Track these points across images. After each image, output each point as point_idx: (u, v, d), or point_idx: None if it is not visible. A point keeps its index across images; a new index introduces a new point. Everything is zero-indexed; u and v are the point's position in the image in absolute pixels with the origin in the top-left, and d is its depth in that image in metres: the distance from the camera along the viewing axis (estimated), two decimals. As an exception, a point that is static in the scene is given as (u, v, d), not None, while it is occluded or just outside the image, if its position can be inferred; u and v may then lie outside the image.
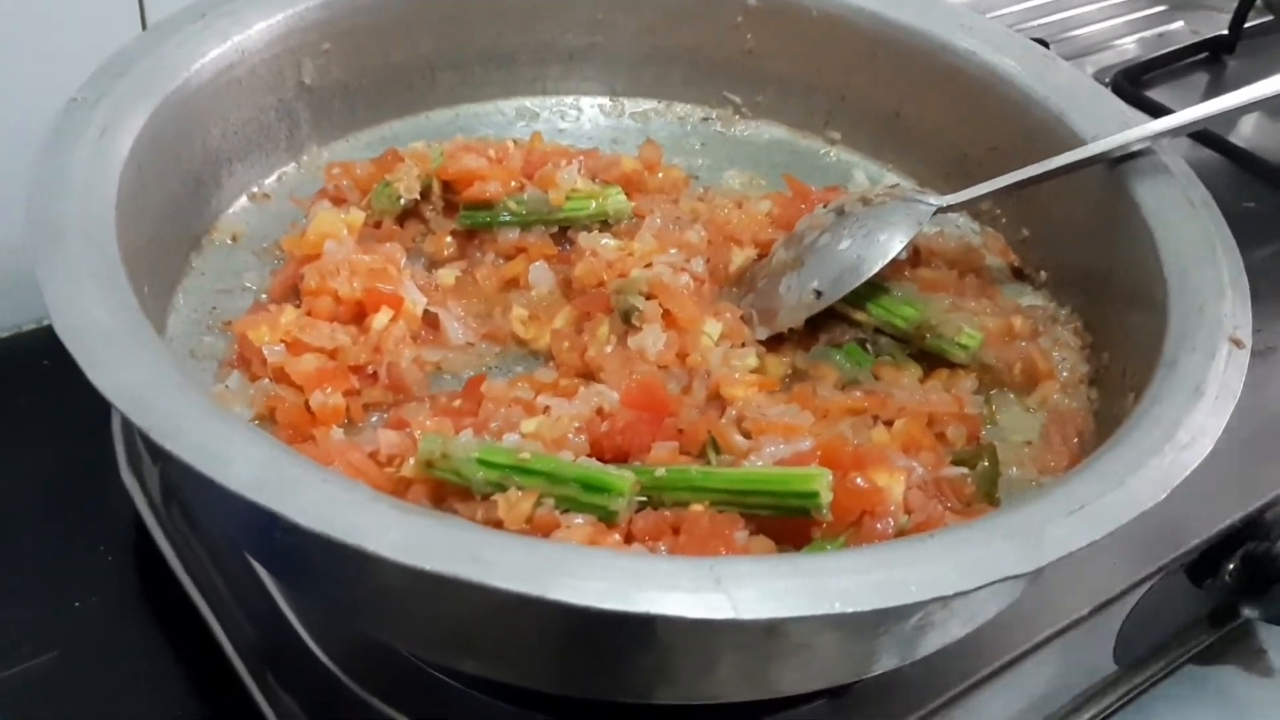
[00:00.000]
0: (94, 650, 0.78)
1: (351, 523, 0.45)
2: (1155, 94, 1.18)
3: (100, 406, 0.86)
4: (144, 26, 0.90)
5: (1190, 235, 0.67)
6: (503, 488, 0.56)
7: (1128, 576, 0.73)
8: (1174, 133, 0.70)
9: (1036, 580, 0.60)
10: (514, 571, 0.44)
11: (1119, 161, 0.72)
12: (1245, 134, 1.18)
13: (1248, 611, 0.82)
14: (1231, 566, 0.79)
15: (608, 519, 0.56)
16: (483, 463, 0.57)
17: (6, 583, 0.80)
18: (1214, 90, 1.29)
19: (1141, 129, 0.71)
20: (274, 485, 0.47)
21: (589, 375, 0.68)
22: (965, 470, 0.62)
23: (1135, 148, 0.71)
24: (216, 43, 0.72)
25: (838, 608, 0.45)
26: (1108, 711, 0.78)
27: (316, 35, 0.77)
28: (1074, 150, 0.71)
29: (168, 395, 0.50)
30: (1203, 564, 0.79)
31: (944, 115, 0.82)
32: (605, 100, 0.90)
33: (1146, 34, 1.32)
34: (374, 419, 0.65)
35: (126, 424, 0.84)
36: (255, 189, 0.78)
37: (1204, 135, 1.10)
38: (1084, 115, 0.75)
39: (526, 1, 0.85)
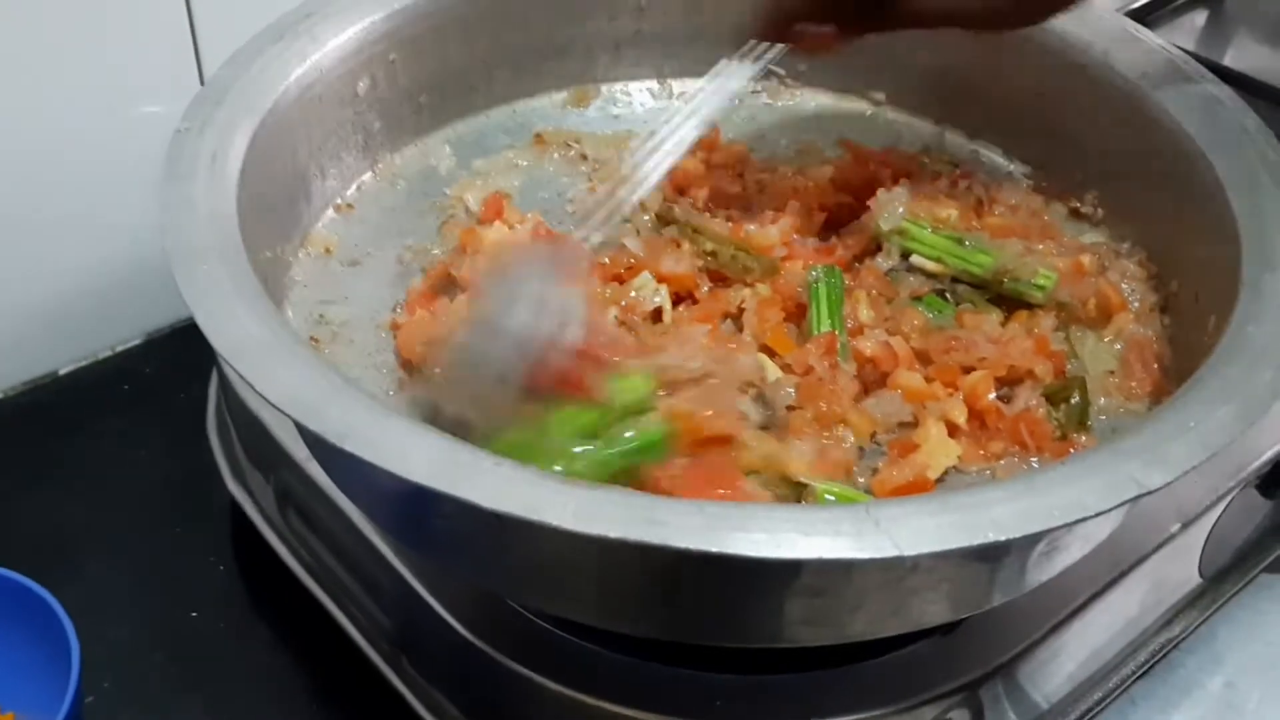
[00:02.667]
0: (217, 659, 0.81)
1: (530, 500, 0.48)
2: (1163, 34, 1.21)
3: (187, 424, 0.92)
4: (195, 41, 0.93)
5: (1247, 161, 0.70)
6: None
7: (1210, 494, 0.76)
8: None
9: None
10: (688, 531, 0.48)
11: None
12: (1249, 63, 1.21)
13: (1315, 518, 0.86)
14: (1298, 478, 0.83)
15: None
16: None
17: (120, 600, 0.83)
18: (1213, 26, 1.32)
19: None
20: (450, 473, 0.50)
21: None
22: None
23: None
24: (297, 63, 0.74)
25: (991, 537, 0.48)
26: (1196, 623, 0.82)
27: (384, 46, 0.80)
28: None
29: (332, 399, 0.53)
30: (1271, 477, 0.82)
31: (988, 68, 0.85)
32: (654, 84, 0.93)
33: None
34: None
35: (225, 438, 0.87)
36: (339, 200, 0.81)
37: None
38: (1126, 54, 0.79)
39: (573, -6, 0.88)
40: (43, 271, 0.96)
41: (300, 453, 0.76)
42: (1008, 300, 0.74)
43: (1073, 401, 0.67)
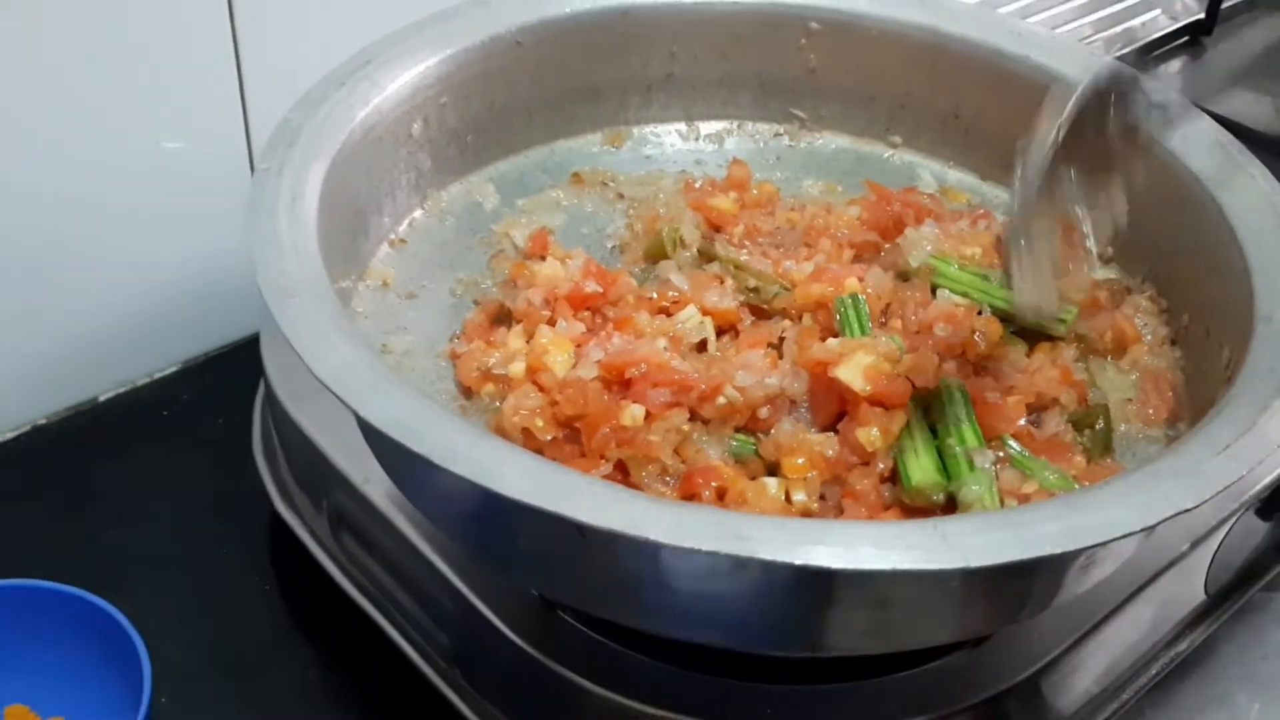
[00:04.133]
0: (269, 677, 0.84)
1: (628, 517, 0.53)
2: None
3: (226, 450, 0.95)
4: (243, 98, 0.97)
5: (1254, 202, 0.75)
6: None
7: (1216, 516, 0.81)
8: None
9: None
10: (773, 544, 0.52)
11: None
12: (1226, 105, 1.27)
13: (1308, 540, 0.91)
14: (1293, 502, 0.88)
15: None
16: None
17: (170, 620, 0.85)
18: (1196, 71, 1.39)
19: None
20: (550, 492, 0.54)
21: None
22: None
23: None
24: (360, 107, 0.78)
25: (1048, 550, 0.53)
26: (1201, 638, 0.87)
27: (436, 90, 0.84)
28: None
29: (431, 423, 0.57)
30: (1270, 502, 0.87)
31: (1002, 114, 0.90)
32: (682, 125, 0.98)
33: (1130, 24, 1.41)
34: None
35: (273, 464, 0.91)
36: (393, 235, 0.85)
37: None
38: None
39: (610, 41, 0.92)
40: (80, 301, 0.99)
41: (358, 475, 0.80)
42: (1030, 333, 0.79)
43: (1097, 427, 0.72)
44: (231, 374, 1.04)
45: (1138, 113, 0.69)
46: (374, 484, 0.78)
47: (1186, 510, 0.55)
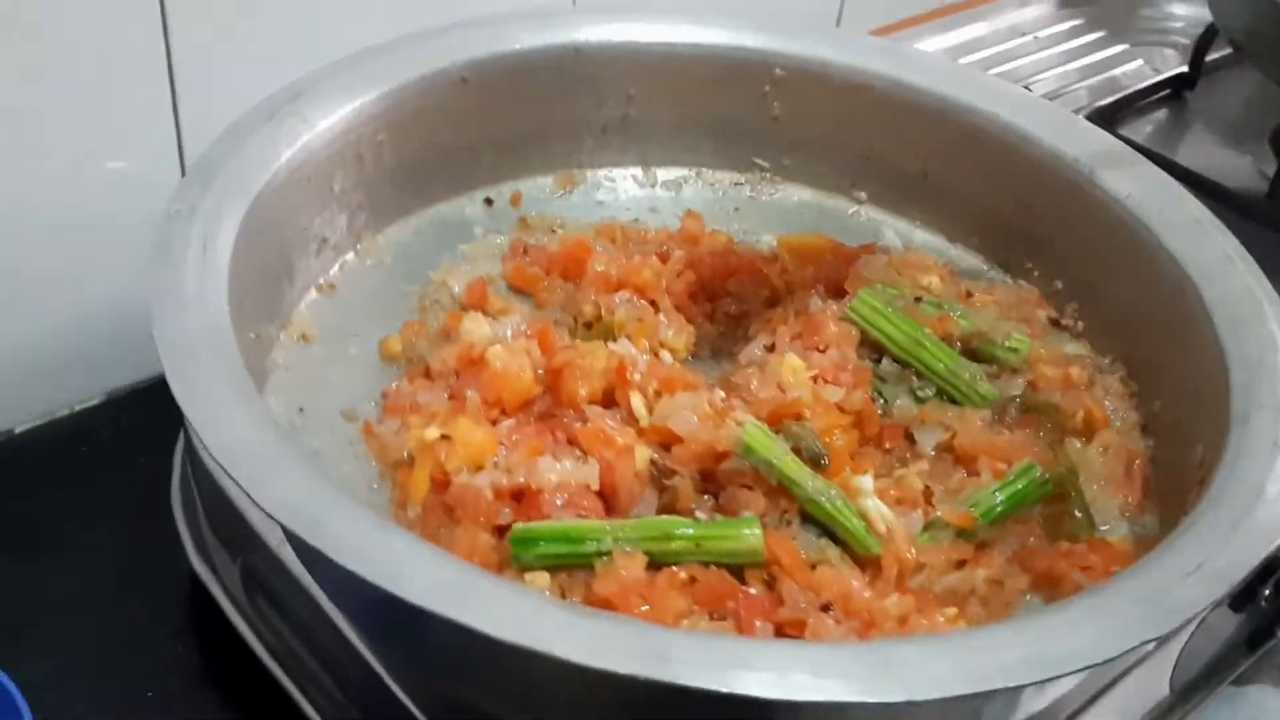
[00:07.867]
0: (173, 741, 0.79)
1: (536, 630, 0.47)
2: (1126, 131, 1.23)
3: (147, 492, 0.89)
4: (177, 120, 0.91)
5: (1234, 288, 0.71)
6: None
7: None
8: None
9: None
10: (699, 669, 0.47)
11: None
12: (1204, 162, 1.23)
13: (1281, 632, 0.87)
14: (1267, 593, 0.84)
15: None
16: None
17: (76, 676, 0.80)
18: (1176, 125, 1.35)
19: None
20: (453, 595, 0.49)
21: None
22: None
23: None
24: (287, 144, 0.73)
25: (999, 684, 0.48)
26: (1164, 735, 0.82)
27: (372, 128, 0.79)
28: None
29: (330, 511, 0.52)
30: (1242, 593, 0.83)
31: (971, 174, 0.86)
32: (638, 170, 0.93)
33: (1112, 73, 1.37)
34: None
35: (191, 514, 0.85)
36: (321, 280, 0.80)
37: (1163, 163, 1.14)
38: (1114, 172, 0.80)
39: (562, 80, 0.87)
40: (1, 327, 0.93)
41: (273, 537, 0.74)
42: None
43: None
44: (158, 408, 0.97)
45: None
46: (289, 546, 0.73)
47: (1151, 641, 0.51)
